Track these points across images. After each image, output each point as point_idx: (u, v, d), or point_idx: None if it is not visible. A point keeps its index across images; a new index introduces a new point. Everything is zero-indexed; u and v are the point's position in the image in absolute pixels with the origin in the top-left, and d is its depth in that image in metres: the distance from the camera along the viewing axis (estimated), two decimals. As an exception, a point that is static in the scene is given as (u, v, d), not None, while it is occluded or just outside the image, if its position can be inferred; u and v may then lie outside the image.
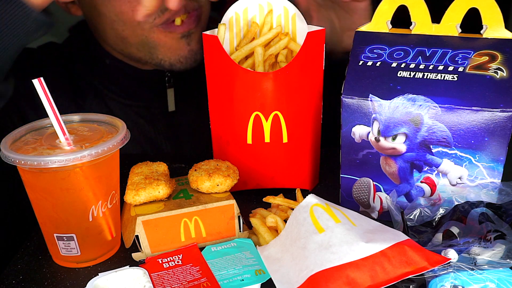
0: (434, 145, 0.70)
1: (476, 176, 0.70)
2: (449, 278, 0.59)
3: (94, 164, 0.65)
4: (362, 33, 0.76)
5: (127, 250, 0.72)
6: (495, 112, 0.65)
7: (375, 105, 0.71)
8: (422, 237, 0.68)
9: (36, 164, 0.61)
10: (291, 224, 0.67)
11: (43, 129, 0.72)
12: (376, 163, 0.74)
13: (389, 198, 0.73)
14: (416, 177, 0.73)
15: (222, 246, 0.68)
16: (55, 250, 0.69)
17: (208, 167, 0.74)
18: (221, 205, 0.71)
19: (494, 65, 0.67)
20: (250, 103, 0.79)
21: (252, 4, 0.84)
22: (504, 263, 0.60)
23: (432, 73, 0.70)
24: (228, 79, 0.79)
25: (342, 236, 0.62)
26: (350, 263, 0.59)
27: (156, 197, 0.70)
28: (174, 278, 0.63)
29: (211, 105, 0.83)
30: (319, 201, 0.67)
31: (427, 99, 0.68)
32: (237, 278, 0.62)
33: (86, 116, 0.74)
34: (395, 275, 0.59)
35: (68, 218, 0.66)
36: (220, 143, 0.85)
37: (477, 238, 0.64)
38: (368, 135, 0.73)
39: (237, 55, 0.82)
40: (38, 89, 0.66)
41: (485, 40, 0.70)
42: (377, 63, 0.73)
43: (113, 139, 0.66)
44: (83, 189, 0.65)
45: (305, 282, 0.60)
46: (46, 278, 0.67)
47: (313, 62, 0.79)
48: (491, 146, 0.67)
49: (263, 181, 0.86)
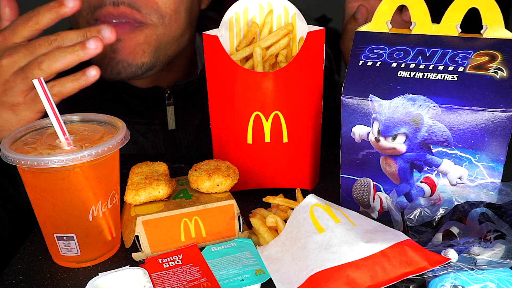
0: (434, 145, 0.70)
1: (476, 176, 0.70)
2: (449, 278, 0.59)
3: (94, 164, 0.65)
4: (362, 33, 0.76)
5: (127, 250, 0.72)
6: (495, 112, 0.65)
7: (375, 105, 0.71)
8: (422, 237, 0.68)
9: (36, 164, 0.61)
10: (291, 224, 0.67)
11: (43, 129, 0.72)
12: (376, 163, 0.74)
13: (389, 198, 0.73)
14: (416, 177, 0.73)
15: (222, 246, 0.68)
16: (55, 250, 0.69)
17: (208, 167, 0.74)
18: (221, 205, 0.71)
19: (494, 65, 0.67)
20: (250, 103, 0.79)
21: (252, 4, 0.84)
22: (504, 263, 0.60)
23: (432, 73, 0.70)
24: (228, 79, 0.79)
25: (342, 236, 0.62)
26: (350, 263, 0.59)
27: (156, 197, 0.70)
28: (174, 278, 0.63)
29: (211, 105, 0.84)
30: (319, 201, 0.67)
31: (427, 99, 0.68)
32: (237, 278, 0.62)
33: (86, 116, 0.74)
34: (395, 275, 0.59)
35: (68, 218, 0.66)
36: (220, 143, 0.85)
37: (477, 238, 0.64)
38: (368, 135, 0.73)
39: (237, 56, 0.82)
40: (38, 89, 0.66)
41: (485, 40, 0.70)
42: (377, 63, 0.73)
43: (113, 139, 0.66)
44: (83, 189, 0.65)
45: (305, 282, 0.60)
46: (46, 278, 0.67)
47: (313, 62, 0.79)
48: (491, 146, 0.67)
49: (263, 181, 0.86)
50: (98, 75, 0.82)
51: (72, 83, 0.81)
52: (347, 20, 1.12)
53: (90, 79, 0.81)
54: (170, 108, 1.10)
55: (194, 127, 1.14)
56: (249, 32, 0.84)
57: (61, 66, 0.79)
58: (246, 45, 0.84)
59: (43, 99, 0.66)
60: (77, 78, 0.81)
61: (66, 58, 0.79)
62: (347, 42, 1.11)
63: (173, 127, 1.11)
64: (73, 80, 0.81)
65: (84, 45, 0.79)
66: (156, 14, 0.96)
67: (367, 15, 1.05)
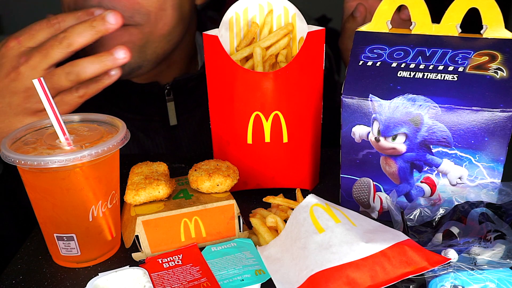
0: (434, 145, 0.70)
1: (476, 176, 0.70)
2: (449, 278, 0.59)
3: (94, 164, 0.65)
4: (362, 33, 0.76)
5: (127, 250, 0.72)
6: (495, 112, 0.65)
7: (375, 105, 0.71)
8: (422, 237, 0.68)
9: (36, 164, 0.61)
10: (291, 224, 0.67)
11: (43, 129, 0.72)
12: (376, 163, 0.74)
13: (389, 198, 0.73)
14: (416, 177, 0.73)
15: (222, 246, 0.68)
16: (55, 250, 0.69)
17: (208, 167, 0.74)
18: (221, 205, 0.71)
19: (494, 65, 0.67)
20: (250, 103, 0.79)
21: (252, 4, 0.84)
22: (504, 263, 0.60)
23: (432, 73, 0.70)
24: (228, 79, 0.79)
25: (342, 236, 0.62)
26: (350, 263, 0.59)
27: (156, 197, 0.70)
28: (174, 278, 0.63)
29: (211, 105, 0.84)
30: (319, 201, 0.67)
31: (427, 99, 0.68)
32: (237, 278, 0.62)
33: (86, 116, 0.74)
34: (395, 275, 0.59)
35: (68, 218, 0.66)
36: (220, 143, 0.85)
37: (477, 238, 0.64)
38: (368, 135, 0.73)
39: (237, 56, 0.82)
40: (38, 89, 0.66)
41: (485, 40, 0.70)
42: (377, 63, 0.73)
43: (113, 139, 0.66)
44: (83, 189, 0.65)
45: (305, 282, 0.60)
46: (46, 278, 0.67)
47: (313, 62, 0.79)
48: (491, 146, 0.67)
49: (263, 181, 0.86)
50: (127, 58, 0.83)
51: (97, 64, 0.82)
52: (345, 19, 1.12)
53: (117, 59, 0.82)
54: (171, 104, 1.09)
55: (194, 124, 1.14)
56: (249, 32, 0.84)
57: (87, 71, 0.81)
58: (246, 45, 0.84)
59: (43, 99, 0.66)
60: (103, 59, 0.82)
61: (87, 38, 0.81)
62: (346, 41, 1.11)
63: (174, 123, 1.11)
64: (98, 62, 0.82)
65: (104, 19, 0.80)
66: (139, 14, 0.95)
67: (366, 13, 1.05)
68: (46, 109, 0.66)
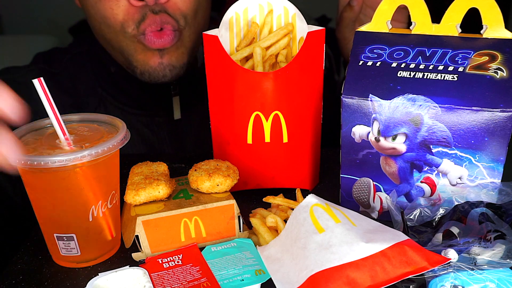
0: (434, 145, 0.70)
1: (476, 176, 0.70)
2: (449, 278, 0.59)
3: (94, 164, 0.65)
4: (362, 33, 0.76)
5: (127, 250, 0.72)
6: (495, 112, 0.65)
7: (375, 105, 0.71)
8: (422, 237, 0.68)
9: (36, 164, 0.61)
10: (291, 224, 0.67)
11: (43, 129, 0.72)
12: (376, 163, 0.74)
13: (389, 198, 0.73)
14: (416, 177, 0.73)
15: (222, 246, 0.68)
16: (55, 250, 0.69)
17: (208, 167, 0.74)
18: (221, 205, 0.71)
19: (494, 65, 0.67)
20: (250, 103, 0.79)
21: (252, 4, 0.84)
22: (504, 263, 0.60)
23: (432, 73, 0.70)
24: (228, 79, 0.79)
25: (342, 236, 0.62)
26: (350, 263, 0.59)
27: (156, 197, 0.70)
28: (174, 278, 0.63)
29: (211, 105, 0.84)
30: (319, 201, 0.67)
31: (427, 99, 0.68)
32: (237, 278, 0.62)
33: (86, 116, 0.74)
34: (395, 275, 0.59)
35: (68, 218, 0.66)
36: (220, 143, 0.85)
37: (477, 238, 0.64)
38: (368, 135, 0.73)
39: (237, 56, 0.82)
40: (38, 89, 0.66)
41: (485, 40, 0.70)
42: (377, 63, 0.73)
43: (113, 139, 0.66)
44: (83, 189, 0.65)
45: (305, 282, 0.60)
46: (46, 278, 0.67)
47: (313, 62, 0.79)
48: (491, 146, 0.67)
49: (263, 181, 0.86)
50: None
51: None
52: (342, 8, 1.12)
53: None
54: (176, 99, 1.12)
55: (197, 119, 1.15)
56: (249, 32, 0.84)
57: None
58: (246, 45, 0.84)
59: (43, 99, 0.66)
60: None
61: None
62: (343, 30, 1.11)
63: (178, 117, 1.13)
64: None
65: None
66: (182, 17, 1.00)
67: (362, 2, 1.05)
68: (46, 109, 0.66)
